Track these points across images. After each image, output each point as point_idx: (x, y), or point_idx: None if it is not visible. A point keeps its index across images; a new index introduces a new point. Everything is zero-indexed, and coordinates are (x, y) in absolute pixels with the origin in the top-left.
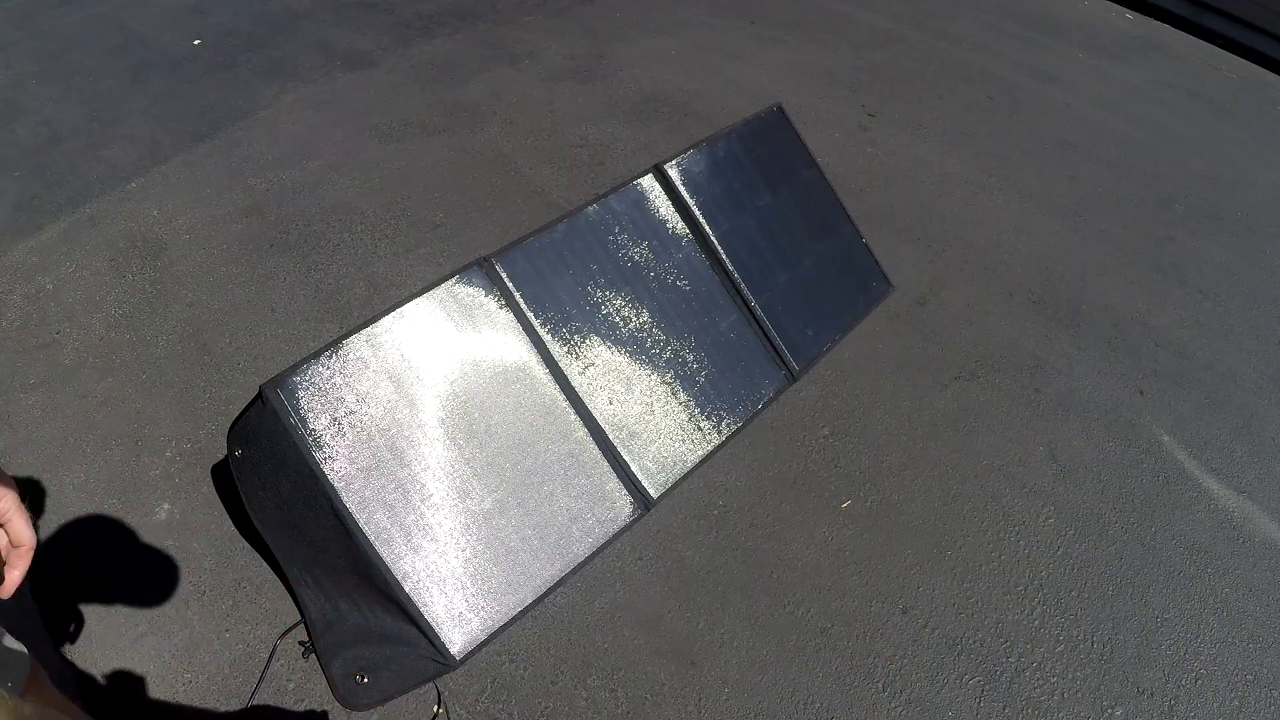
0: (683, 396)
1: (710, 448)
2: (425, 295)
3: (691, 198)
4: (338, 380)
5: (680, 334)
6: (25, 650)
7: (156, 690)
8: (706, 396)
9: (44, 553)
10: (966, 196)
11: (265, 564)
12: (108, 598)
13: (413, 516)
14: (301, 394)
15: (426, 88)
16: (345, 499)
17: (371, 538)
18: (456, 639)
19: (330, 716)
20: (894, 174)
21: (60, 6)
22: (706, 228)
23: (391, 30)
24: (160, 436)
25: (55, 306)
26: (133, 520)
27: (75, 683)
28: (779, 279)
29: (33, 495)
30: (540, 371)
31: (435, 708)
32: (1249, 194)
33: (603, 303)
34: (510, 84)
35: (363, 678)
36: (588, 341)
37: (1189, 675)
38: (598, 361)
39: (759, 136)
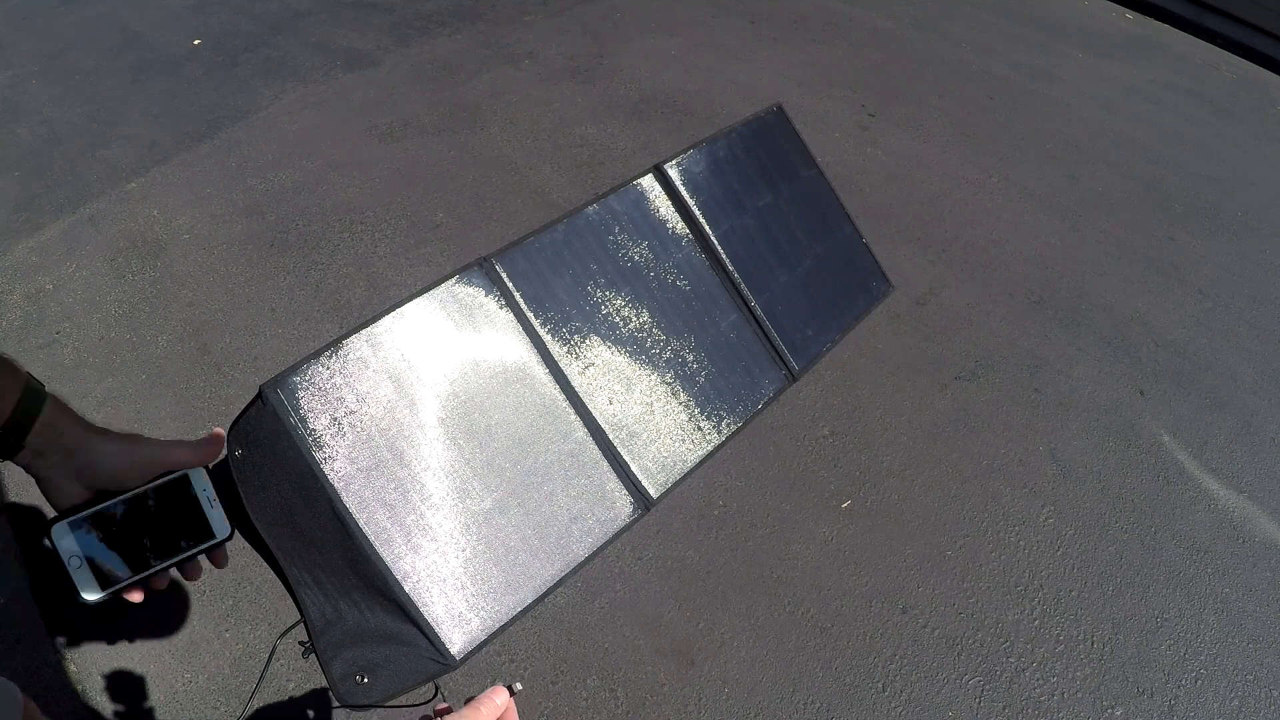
0: (683, 396)
1: (710, 448)
2: (425, 295)
3: (691, 198)
4: (338, 380)
5: (680, 334)
6: (15, 686)
7: (156, 690)
8: (706, 396)
9: (44, 553)
10: (966, 196)
11: (265, 564)
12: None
13: (413, 516)
14: (301, 394)
15: (426, 88)
16: (345, 499)
17: (371, 538)
18: (456, 639)
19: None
20: (894, 174)
21: (60, 6)
22: (706, 228)
23: (391, 30)
24: (160, 436)
25: (55, 306)
26: None
27: (75, 680)
28: (779, 279)
29: (34, 495)
30: (540, 371)
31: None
32: (1249, 194)
33: (603, 303)
34: (510, 84)
35: (363, 678)
36: (588, 341)
37: (1189, 675)
38: (598, 361)
39: (759, 136)
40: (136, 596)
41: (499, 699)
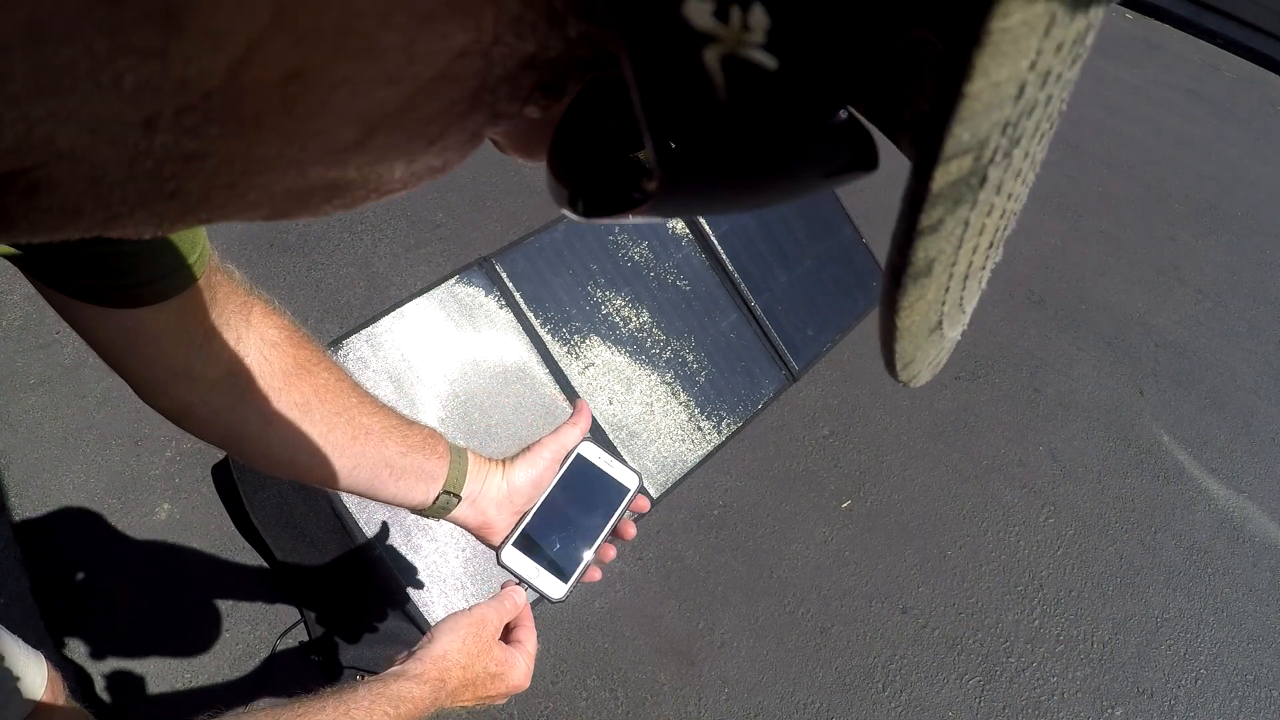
0: (683, 396)
1: (710, 448)
2: (425, 295)
3: None
4: None
5: (680, 334)
6: (42, 658)
7: (155, 690)
8: (706, 396)
9: (45, 553)
10: None
11: (265, 564)
12: (108, 598)
13: (413, 516)
14: None
15: None
16: (345, 499)
17: (371, 538)
18: None
19: None
20: (894, 174)
21: None
22: (706, 227)
23: None
24: (160, 436)
25: None
26: (133, 520)
27: (76, 680)
28: (779, 279)
29: (34, 495)
30: (540, 371)
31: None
32: (1249, 194)
33: (603, 303)
34: None
35: (362, 677)
36: (588, 341)
37: (1189, 675)
38: (598, 361)
39: None
40: (596, 575)
41: (519, 598)
